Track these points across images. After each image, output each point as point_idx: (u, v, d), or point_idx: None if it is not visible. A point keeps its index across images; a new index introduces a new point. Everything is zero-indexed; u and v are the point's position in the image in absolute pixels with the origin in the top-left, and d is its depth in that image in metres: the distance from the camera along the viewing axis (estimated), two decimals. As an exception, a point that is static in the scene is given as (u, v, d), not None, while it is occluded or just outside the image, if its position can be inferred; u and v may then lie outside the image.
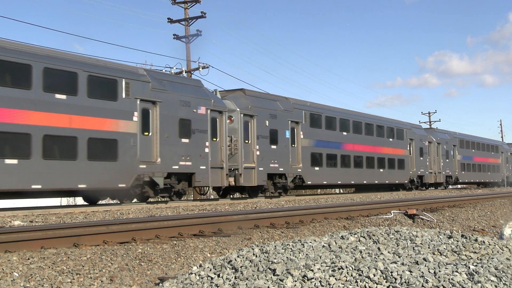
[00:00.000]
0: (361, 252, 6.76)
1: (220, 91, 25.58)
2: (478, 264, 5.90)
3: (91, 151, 18.19)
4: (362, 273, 5.53)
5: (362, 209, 16.12)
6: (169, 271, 8.25)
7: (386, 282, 5.33)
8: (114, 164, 18.92)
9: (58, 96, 17.63)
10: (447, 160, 45.82)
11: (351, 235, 7.90)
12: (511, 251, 7.02)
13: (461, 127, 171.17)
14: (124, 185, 19.26)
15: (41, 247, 8.31)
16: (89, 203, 20.95)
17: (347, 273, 5.57)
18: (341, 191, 43.91)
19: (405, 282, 5.27)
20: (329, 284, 5.36)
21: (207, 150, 22.37)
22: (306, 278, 5.52)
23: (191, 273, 6.24)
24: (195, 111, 21.99)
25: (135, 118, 19.73)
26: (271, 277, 5.70)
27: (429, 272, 5.55)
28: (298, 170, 27.94)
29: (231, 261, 6.45)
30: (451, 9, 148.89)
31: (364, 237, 7.87)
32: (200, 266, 6.46)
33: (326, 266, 5.83)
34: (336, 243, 7.40)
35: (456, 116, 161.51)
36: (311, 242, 7.37)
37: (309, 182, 28.74)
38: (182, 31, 36.44)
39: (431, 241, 7.53)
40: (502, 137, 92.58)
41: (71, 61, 18.40)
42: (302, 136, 28.39)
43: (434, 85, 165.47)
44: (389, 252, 6.78)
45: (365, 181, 34.15)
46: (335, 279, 5.47)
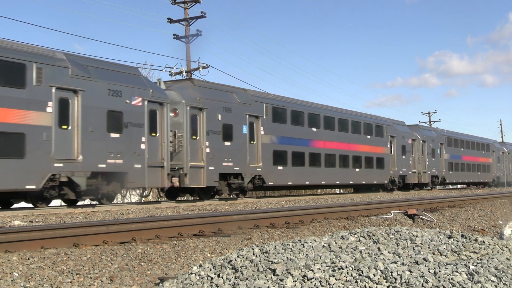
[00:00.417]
0: (361, 252, 6.76)
1: (166, 81, 23.25)
2: (478, 264, 5.90)
3: None
4: (362, 273, 5.53)
5: (362, 209, 16.12)
6: (169, 271, 8.25)
7: (386, 282, 5.33)
8: (19, 162, 16.10)
9: None
10: (433, 159, 43.13)
11: (351, 235, 7.90)
12: (511, 251, 7.02)
13: (461, 127, 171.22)
14: (34, 187, 16.45)
15: (41, 247, 8.31)
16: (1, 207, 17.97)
17: (347, 273, 5.57)
18: (341, 191, 43.37)
19: (405, 282, 5.27)
20: (329, 284, 5.37)
21: (143, 146, 19.63)
22: (306, 278, 5.52)
23: (191, 273, 6.24)
24: (128, 102, 19.22)
25: (49, 109, 16.96)
26: (271, 277, 5.71)
27: (429, 272, 5.55)
28: (258, 169, 25.27)
29: (231, 261, 6.45)
30: (451, 9, 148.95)
31: (364, 237, 7.87)
32: (200, 266, 6.46)
33: (326, 266, 5.83)
34: (336, 243, 7.40)
35: (456, 116, 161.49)
36: (311, 242, 7.37)
37: (271, 183, 26.16)
38: (182, 31, 36.45)
39: (431, 241, 7.53)
40: (502, 137, 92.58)
41: None
42: (262, 132, 25.68)
43: (434, 85, 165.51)
44: (389, 252, 6.78)
45: (338, 182, 31.69)
46: (335, 279, 5.47)
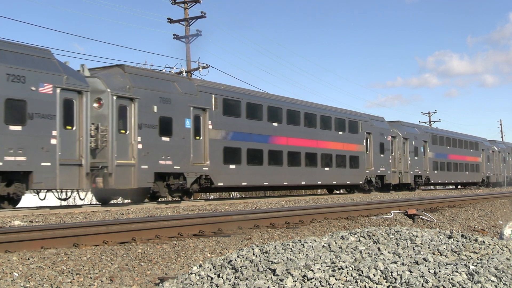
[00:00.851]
0: (361, 252, 6.76)
1: (93, 68, 20.17)
2: (478, 264, 5.90)
3: None
4: (362, 273, 5.53)
5: (362, 209, 16.12)
6: (169, 271, 8.25)
7: (386, 282, 5.33)
8: None
9: None
10: (416, 158, 40.07)
11: (351, 235, 7.90)
12: (511, 251, 7.02)
13: (461, 127, 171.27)
14: None
15: (41, 247, 8.31)
16: None
17: (347, 273, 5.57)
18: (342, 191, 42.73)
19: (405, 282, 5.27)
20: (329, 284, 5.37)
21: (54, 141, 16.98)
22: (306, 278, 5.52)
23: (191, 273, 6.24)
24: (34, 89, 16.59)
25: None
26: (271, 277, 5.70)
27: (429, 272, 5.55)
28: (204, 168, 22.32)
29: (231, 261, 6.45)
30: (451, 9, 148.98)
31: (364, 237, 7.87)
32: (200, 266, 6.46)
33: (326, 266, 5.83)
34: (336, 243, 7.40)
35: (456, 116, 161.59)
36: (311, 242, 7.37)
37: (220, 184, 23.20)
38: (182, 31, 36.50)
39: (431, 241, 7.53)
40: (502, 137, 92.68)
41: None
42: (211, 127, 22.77)
43: (434, 85, 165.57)
44: (389, 252, 6.78)
45: (303, 182, 28.65)
46: (335, 279, 5.47)
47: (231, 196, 35.98)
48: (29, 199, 21.51)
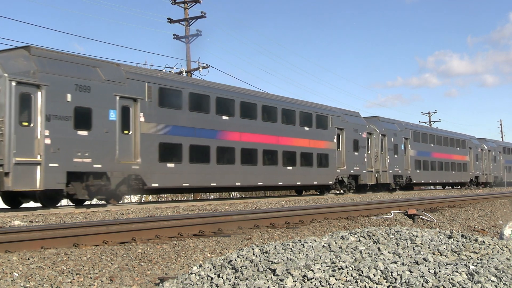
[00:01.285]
0: (361, 252, 6.76)
1: None
2: (478, 264, 5.90)
3: None
4: (362, 273, 5.53)
5: (362, 209, 16.13)
6: (169, 271, 8.25)
7: (386, 282, 5.33)
8: None
9: None
10: (395, 156, 37.08)
11: (351, 235, 7.90)
12: (511, 251, 7.02)
13: (461, 127, 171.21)
14: None
15: (41, 247, 8.32)
16: None
17: (347, 273, 5.57)
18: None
19: (405, 282, 5.27)
20: (329, 284, 5.36)
21: None
22: (306, 278, 5.52)
23: (191, 273, 6.24)
24: None
25: None
26: (271, 277, 5.70)
27: (429, 272, 5.55)
28: (134, 167, 19.46)
29: (231, 261, 6.45)
30: (451, 9, 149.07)
31: (364, 237, 7.87)
32: (200, 266, 6.46)
33: (326, 266, 5.83)
34: (336, 243, 7.40)
35: (456, 116, 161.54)
36: (311, 242, 7.37)
37: (155, 184, 20.29)
38: (182, 31, 36.53)
39: (431, 241, 7.53)
40: (502, 137, 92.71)
41: None
42: (143, 119, 19.87)
43: (434, 85, 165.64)
44: (389, 252, 6.78)
45: (260, 183, 25.51)
46: (335, 279, 5.47)
47: (231, 196, 35.99)
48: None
